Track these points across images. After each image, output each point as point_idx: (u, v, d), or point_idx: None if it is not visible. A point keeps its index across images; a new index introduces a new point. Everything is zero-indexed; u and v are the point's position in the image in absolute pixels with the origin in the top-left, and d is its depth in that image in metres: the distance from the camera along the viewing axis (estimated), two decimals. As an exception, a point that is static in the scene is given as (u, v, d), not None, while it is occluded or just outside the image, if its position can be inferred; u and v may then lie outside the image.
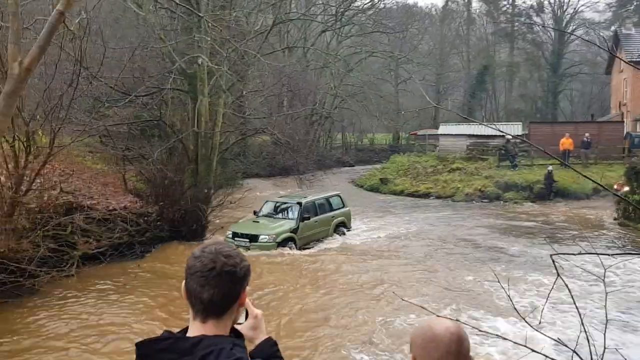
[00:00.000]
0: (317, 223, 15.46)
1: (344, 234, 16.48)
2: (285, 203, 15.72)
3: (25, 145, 10.30)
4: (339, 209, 16.58)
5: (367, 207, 22.78)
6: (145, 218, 14.34)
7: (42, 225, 10.39)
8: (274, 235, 14.00)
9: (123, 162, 16.78)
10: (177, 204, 15.05)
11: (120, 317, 9.19)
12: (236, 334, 1.54)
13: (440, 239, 16.05)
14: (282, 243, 14.10)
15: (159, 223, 14.50)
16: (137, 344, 1.42)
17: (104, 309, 9.53)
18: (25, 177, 10.43)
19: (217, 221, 16.49)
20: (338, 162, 40.67)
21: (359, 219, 19.11)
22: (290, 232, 14.48)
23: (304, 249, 14.78)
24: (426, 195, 26.12)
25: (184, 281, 1.49)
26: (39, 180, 11.28)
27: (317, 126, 38.22)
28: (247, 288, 1.55)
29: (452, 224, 18.66)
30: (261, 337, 1.69)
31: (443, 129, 33.58)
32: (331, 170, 35.96)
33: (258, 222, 14.93)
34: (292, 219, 14.87)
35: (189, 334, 1.46)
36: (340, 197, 17.01)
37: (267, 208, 15.75)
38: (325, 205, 16.17)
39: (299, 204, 15.16)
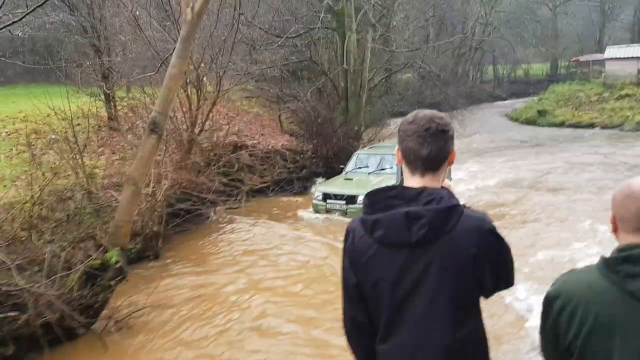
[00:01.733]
0: None
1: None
2: (378, 155, 12.95)
3: (196, 89, 11.29)
4: None
5: (520, 140, 21.58)
6: (302, 155, 15.21)
7: (214, 162, 11.47)
8: None
9: (278, 104, 17.74)
10: (329, 142, 15.60)
11: (283, 242, 9.97)
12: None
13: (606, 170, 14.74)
14: None
15: (314, 160, 15.26)
16: (367, 194, 1.66)
17: (271, 237, 10.38)
18: (197, 119, 11.51)
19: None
20: (490, 96, 38.64)
21: (507, 155, 18.15)
22: None
23: None
24: (590, 126, 24.11)
25: (396, 146, 1.69)
26: (208, 123, 12.40)
27: (466, 58, 36.32)
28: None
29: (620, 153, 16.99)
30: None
31: (610, 52, 30.13)
32: (483, 104, 34.40)
33: (351, 179, 12.30)
34: (390, 173, 11.94)
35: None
36: None
37: (358, 162, 13.09)
38: None
39: None
